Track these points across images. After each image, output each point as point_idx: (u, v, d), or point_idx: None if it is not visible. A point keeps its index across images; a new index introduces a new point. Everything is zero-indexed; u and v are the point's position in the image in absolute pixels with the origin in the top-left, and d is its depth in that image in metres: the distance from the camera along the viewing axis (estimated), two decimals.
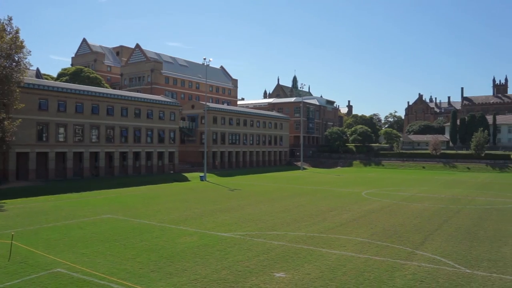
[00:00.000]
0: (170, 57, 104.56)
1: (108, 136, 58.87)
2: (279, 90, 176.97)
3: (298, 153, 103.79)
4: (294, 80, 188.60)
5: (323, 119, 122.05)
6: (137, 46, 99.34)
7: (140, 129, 63.55)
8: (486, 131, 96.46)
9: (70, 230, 24.03)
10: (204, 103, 77.63)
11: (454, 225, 25.97)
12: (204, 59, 62.55)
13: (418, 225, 26.05)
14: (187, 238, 21.95)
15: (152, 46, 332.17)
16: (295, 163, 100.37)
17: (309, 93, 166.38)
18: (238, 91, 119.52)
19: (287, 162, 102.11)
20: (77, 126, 54.70)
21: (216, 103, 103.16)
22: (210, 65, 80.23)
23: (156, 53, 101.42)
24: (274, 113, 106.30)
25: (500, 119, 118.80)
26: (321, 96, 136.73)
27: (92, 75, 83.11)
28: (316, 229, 24.52)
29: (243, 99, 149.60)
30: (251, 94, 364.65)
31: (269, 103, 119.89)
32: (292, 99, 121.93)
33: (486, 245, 20.74)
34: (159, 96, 73.73)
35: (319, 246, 20.43)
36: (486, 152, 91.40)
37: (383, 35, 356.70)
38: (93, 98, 56.84)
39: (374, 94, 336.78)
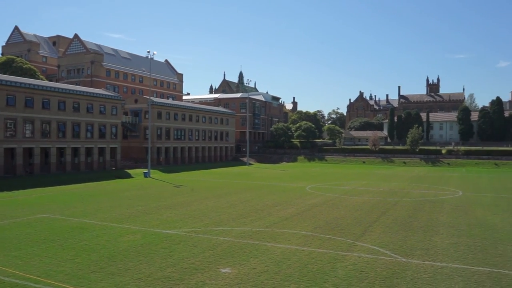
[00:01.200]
0: (112, 49, 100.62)
1: (44, 131, 55.64)
2: (225, 86, 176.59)
3: (244, 149, 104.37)
4: (240, 75, 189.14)
5: (269, 115, 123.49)
6: (76, 36, 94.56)
7: (80, 124, 60.69)
8: (420, 127, 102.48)
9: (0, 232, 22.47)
10: (148, 97, 75.67)
11: (391, 217, 27.36)
12: (148, 52, 61.14)
13: (359, 217, 27.15)
14: (130, 237, 21.33)
15: (92, 37, 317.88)
16: (241, 158, 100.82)
17: (255, 89, 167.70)
18: (184, 86, 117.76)
19: (233, 158, 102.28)
20: (8, 120, 51.16)
21: (160, 97, 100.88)
22: (154, 59, 78.28)
23: (96, 44, 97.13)
24: (220, 108, 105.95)
25: (433, 116, 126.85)
26: (267, 92, 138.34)
27: (25, 65, 77.92)
28: (262, 224, 24.80)
29: (188, 94, 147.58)
30: (197, 89, 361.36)
31: (215, 99, 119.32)
32: (238, 95, 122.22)
33: (419, 235, 22.06)
34: (100, 90, 70.76)
35: (265, 240, 20.69)
36: (420, 147, 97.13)
37: (326, 33, 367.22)
38: (26, 91, 53.38)
39: (318, 91, 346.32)
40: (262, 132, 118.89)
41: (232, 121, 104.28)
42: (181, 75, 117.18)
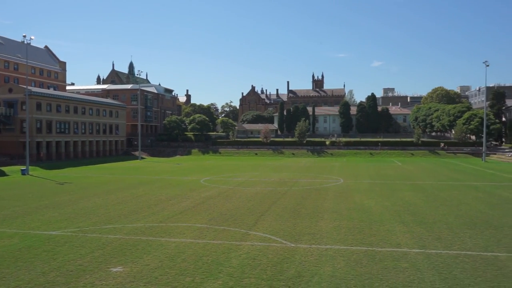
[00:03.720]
0: None
1: None
2: (114, 76, 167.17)
3: (136, 142, 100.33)
4: (131, 66, 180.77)
5: (162, 107, 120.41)
6: None
7: None
8: (307, 121, 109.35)
9: None
10: (25, 86, 68.24)
11: (281, 206, 28.84)
12: (24, 36, 55.06)
13: (251, 207, 28.10)
14: (6, 241, 19.20)
15: None
16: (133, 152, 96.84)
17: (146, 81, 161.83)
18: (67, 75, 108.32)
19: (124, 152, 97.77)
20: None
21: (40, 87, 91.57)
22: (32, 44, 70.58)
23: None
24: (109, 100, 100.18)
25: (318, 110, 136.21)
26: (160, 84, 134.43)
27: None
28: (155, 219, 24.25)
29: (73, 84, 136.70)
30: (82, 79, 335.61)
31: (103, 90, 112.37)
32: (129, 86, 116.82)
33: (306, 221, 23.66)
34: None
35: (158, 235, 20.29)
36: (307, 139, 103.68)
37: (219, 27, 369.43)
38: None
39: (212, 84, 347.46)
40: (155, 125, 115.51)
41: (122, 114, 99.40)
42: (64, 63, 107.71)
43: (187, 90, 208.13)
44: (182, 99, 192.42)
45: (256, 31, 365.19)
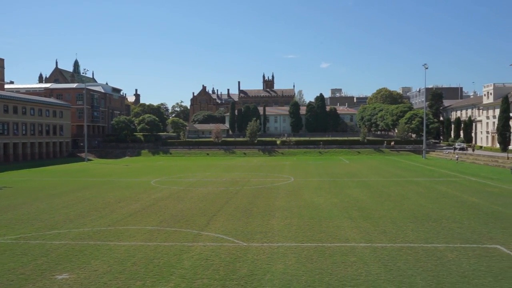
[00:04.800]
0: None
1: None
2: (58, 75, 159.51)
3: (82, 144, 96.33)
4: (76, 64, 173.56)
5: (109, 107, 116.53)
6: None
7: None
8: (258, 120, 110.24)
9: None
10: None
11: (233, 205, 28.91)
12: None
13: (203, 208, 27.94)
14: None
15: None
16: (78, 154, 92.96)
17: (93, 80, 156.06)
18: (6, 73, 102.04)
19: (69, 154, 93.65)
20: None
21: None
22: None
23: None
24: (52, 99, 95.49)
25: (269, 110, 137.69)
26: (107, 83, 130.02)
27: None
28: (104, 223, 23.48)
29: (12, 82, 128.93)
30: (22, 77, 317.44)
31: (46, 89, 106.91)
32: (74, 85, 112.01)
33: (258, 220, 23.90)
34: None
35: (107, 239, 19.68)
36: (258, 139, 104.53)
37: (168, 24, 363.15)
38: None
39: (162, 83, 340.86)
40: (102, 125, 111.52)
41: (67, 114, 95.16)
42: (2, 60, 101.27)
43: (136, 90, 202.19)
44: (131, 99, 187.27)
45: (206, 30, 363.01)
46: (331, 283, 13.79)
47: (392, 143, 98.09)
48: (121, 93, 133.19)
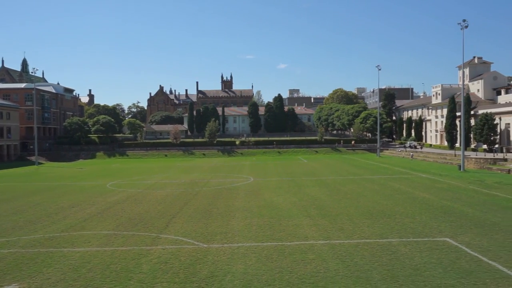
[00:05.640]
0: None
1: None
2: (5, 74, 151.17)
3: (32, 147, 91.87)
4: (24, 63, 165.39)
5: (61, 108, 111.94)
6: None
7: None
8: (217, 121, 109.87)
9: None
10: None
11: (193, 207, 28.63)
12: None
13: (162, 210, 27.47)
14: None
15: None
16: (28, 157, 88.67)
17: (43, 79, 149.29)
18: None
19: (18, 158, 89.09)
20: None
21: None
22: None
23: None
24: None
25: (228, 110, 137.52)
26: (58, 83, 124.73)
27: None
28: (56, 229, 22.52)
29: None
30: None
31: None
32: (22, 85, 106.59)
33: (218, 221, 23.80)
34: None
35: (60, 246, 18.90)
36: (218, 139, 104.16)
37: (123, 21, 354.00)
38: None
39: (117, 83, 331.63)
40: (54, 127, 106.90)
41: (15, 115, 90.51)
42: None
43: (90, 90, 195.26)
44: (85, 99, 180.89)
45: (163, 29, 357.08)
46: (291, 281, 13.97)
47: (353, 142, 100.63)
48: (74, 94, 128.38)
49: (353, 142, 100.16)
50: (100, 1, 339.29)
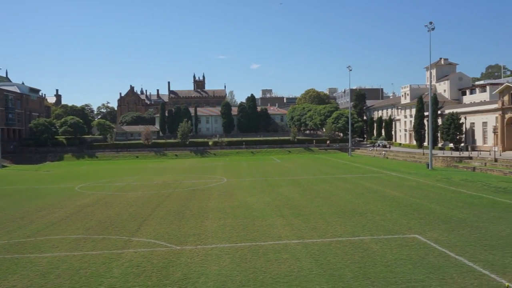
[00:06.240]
0: None
1: None
2: None
3: None
4: None
5: (27, 109, 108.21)
6: None
7: None
8: (189, 121, 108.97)
9: None
10: None
11: (165, 209, 28.24)
12: None
13: (134, 213, 26.97)
14: None
15: None
16: None
17: (7, 79, 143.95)
18: None
19: None
20: None
21: None
22: None
23: None
24: None
25: (200, 111, 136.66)
26: (23, 83, 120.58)
27: None
28: (22, 234, 21.73)
29: None
30: None
31: None
32: None
33: (192, 222, 23.57)
34: None
35: (27, 252, 18.24)
36: (190, 140, 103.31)
37: (91, 19, 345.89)
38: None
39: (86, 83, 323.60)
40: (18, 128, 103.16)
41: None
42: None
43: (57, 90, 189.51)
44: (51, 99, 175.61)
45: (133, 28, 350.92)
46: (265, 281, 13.97)
47: (328, 141, 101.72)
48: (40, 94, 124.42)
49: (328, 142, 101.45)
50: (68, 0, 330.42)
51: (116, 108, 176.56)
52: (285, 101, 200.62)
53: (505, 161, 48.57)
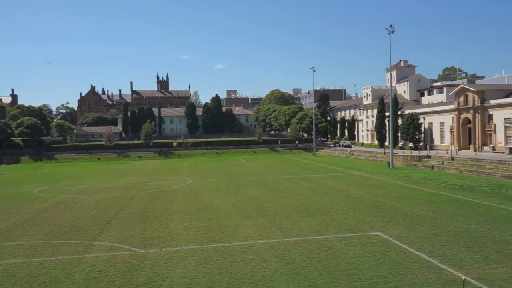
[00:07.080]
0: None
1: None
2: None
3: None
4: None
5: None
6: None
7: None
8: (153, 122, 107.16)
9: None
10: None
11: (129, 211, 27.63)
12: None
13: (95, 216, 26.22)
14: None
15: None
16: None
17: None
18: None
19: None
20: None
21: None
22: None
23: None
24: None
25: (164, 111, 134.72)
26: None
27: None
28: None
29: None
30: None
31: None
32: None
33: (156, 225, 23.18)
34: None
35: None
36: (154, 141, 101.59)
37: (48, 15, 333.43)
38: None
39: (43, 83, 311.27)
40: None
41: None
42: None
43: (13, 90, 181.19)
44: (7, 99, 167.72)
45: (94, 26, 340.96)
46: (231, 282, 13.94)
47: (297, 142, 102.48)
48: None
49: (296, 142, 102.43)
50: None
51: (76, 109, 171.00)
52: (250, 101, 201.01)
53: (461, 160, 50.88)
